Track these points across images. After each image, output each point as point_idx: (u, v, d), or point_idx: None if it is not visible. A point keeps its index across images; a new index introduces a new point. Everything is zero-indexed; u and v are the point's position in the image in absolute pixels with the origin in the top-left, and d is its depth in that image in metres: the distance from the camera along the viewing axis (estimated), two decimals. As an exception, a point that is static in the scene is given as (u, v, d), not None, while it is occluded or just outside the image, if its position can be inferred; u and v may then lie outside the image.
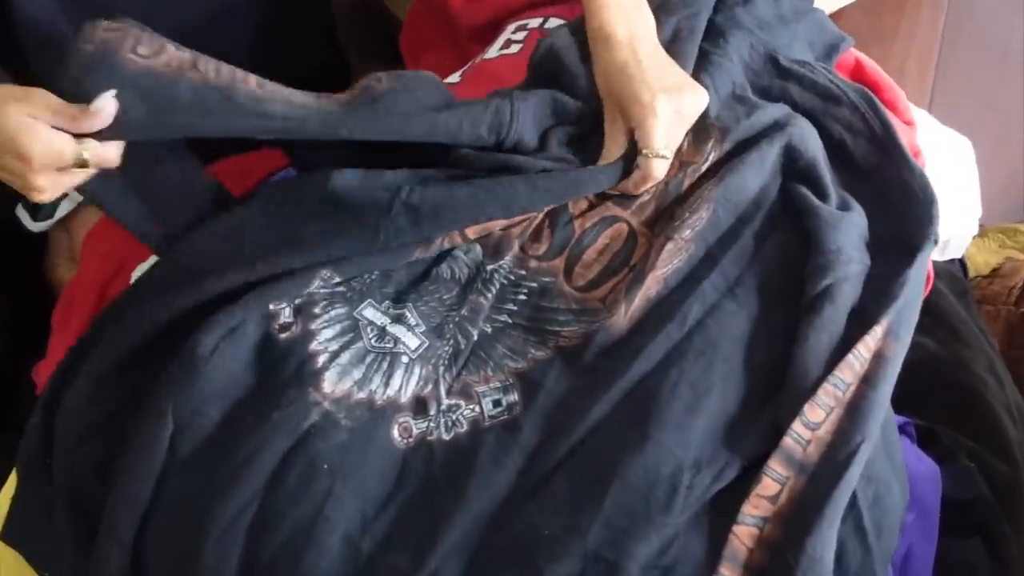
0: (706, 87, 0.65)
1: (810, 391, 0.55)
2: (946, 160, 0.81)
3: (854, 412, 0.55)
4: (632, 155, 0.63)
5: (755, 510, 0.53)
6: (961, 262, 0.97)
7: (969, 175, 0.83)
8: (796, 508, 0.53)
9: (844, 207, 0.64)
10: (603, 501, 0.53)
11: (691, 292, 0.60)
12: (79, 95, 0.56)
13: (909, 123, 0.79)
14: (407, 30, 0.96)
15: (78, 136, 0.58)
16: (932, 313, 0.79)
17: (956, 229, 0.80)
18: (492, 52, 0.81)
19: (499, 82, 0.77)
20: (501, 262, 0.64)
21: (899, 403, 0.66)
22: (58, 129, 0.57)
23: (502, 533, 0.55)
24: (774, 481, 0.54)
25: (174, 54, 0.58)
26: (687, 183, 0.64)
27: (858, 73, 0.81)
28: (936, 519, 0.63)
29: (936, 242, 0.62)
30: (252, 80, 0.60)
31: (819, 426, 0.55)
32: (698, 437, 0.55)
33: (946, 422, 0.70)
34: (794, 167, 0.66)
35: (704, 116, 0.65)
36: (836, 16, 1.39)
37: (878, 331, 0.57)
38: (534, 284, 0.64)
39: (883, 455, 0.58)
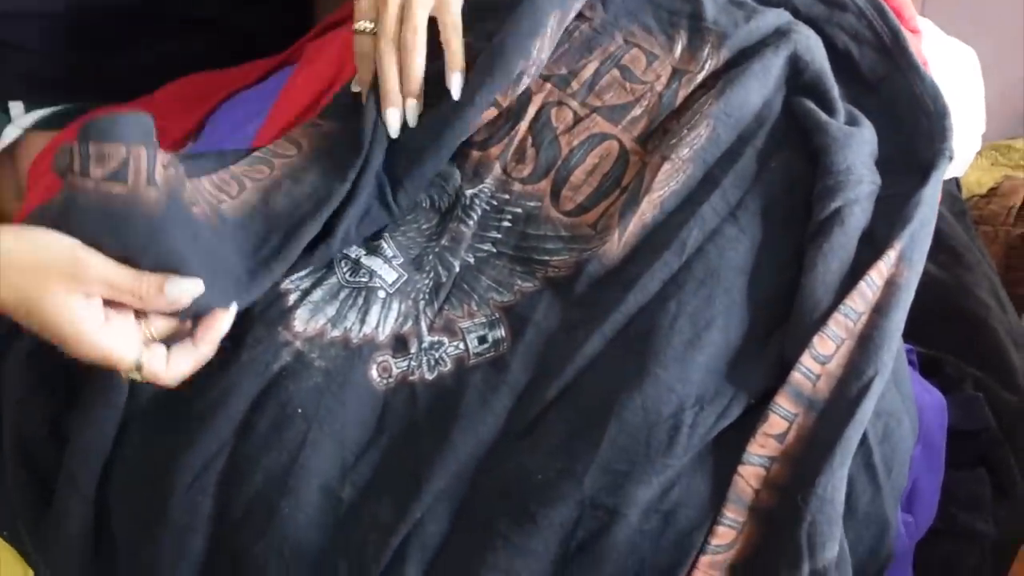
0: None
1: (819, 321, 0.52)
2: (951, 71, 0.77)
3: (866, 343, 0.52)
4: None
5: (762, 449, 0.50)
6: (955, 181, 0.93)
7: (974, 87, 0.79)
8: (805, 447, 0.50)
9: (853, 122, 0.60)
10: (600, 443, 0.50)
11: (690, 216, 0.55)
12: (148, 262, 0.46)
13: (915, 31, 0.74)
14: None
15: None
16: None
17: (962, 145, 0.77)
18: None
19: None
20: (482, 186, 0.59)
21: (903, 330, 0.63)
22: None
23: (491, 478, 0.52)
24: (781, 419, 0.50)
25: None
26: (682, 94, 0.59)
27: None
28: (942, 452, 0.60)
29: (951, 158, 0.58)
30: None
31: (829, 359, 0.51)
32: (700, 373, 0.51)
33: (950, 350, 0.68)
34: (799, 79, 0.61)
35: (699, 19, 0.60)
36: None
37: (891, 256, 0.54)
38: (519, 209, 0.59)
39: (892, 387, 0.55)
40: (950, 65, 0.78)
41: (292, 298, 0.56)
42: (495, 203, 0.59)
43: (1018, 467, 0.62)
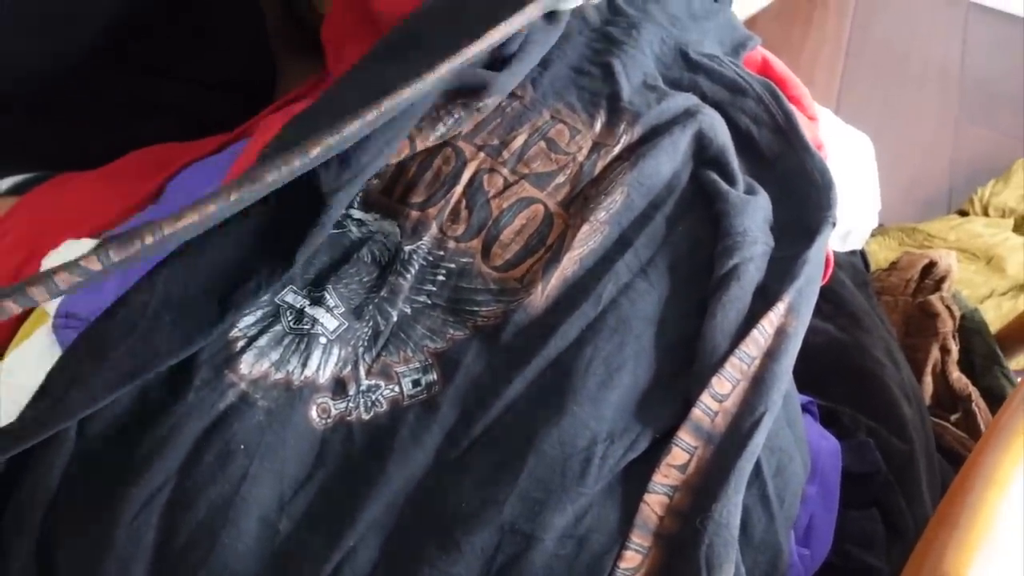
0: (617, 74, 0.67)
1: (718, 364, 0.57)
2: (847, 154, 0.86)
3: (758, 384, 0.57)
4: None
5: (665, 479, 0.55)
6: (863, 256, 1.01)
7: (869, 170, 0.87)
8: (704, 476, 0.55)
9: (750, 192, 0.67)
10: (519, 474, 0.54)
11: (605, 272, 0.62)
12: None
13: (813, 118, 0.83)
14: (329, 22, 0.96)
15: None
16: (834, 301, 0.83)
17: (856, 221, 0.85)
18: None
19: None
20: (420, 243, 0.65)
21: (803, 385, 0.69)
22: None
23: (420, 509, 0.56)
24: (683, 451, 0.56)
25: None
26: (600, 164, 0.66)
27: (765, 70, 0.85)
28: (837, 491, 0.66)
29: (834, 224, 0.65)
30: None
31: (726, 398, 0.57)
32: (611, 410, 0.57)
33: (847, 402, 0.74)
34: (704, 154, 0.68)
35: (617, 99, 0.68)
36: (747, 24, 1.44)
37: (781, 308, 0.60)
38: (452, 265, 0.64)
39: (786, 428, 0.61)
40: (848, 149, 0.87)
41: (239, 344, 0.60)
42: (431, 259, 0.65)
43: (908, 509, 0.68)
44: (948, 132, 1.47)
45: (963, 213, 1.30)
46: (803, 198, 0.68)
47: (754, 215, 0.65)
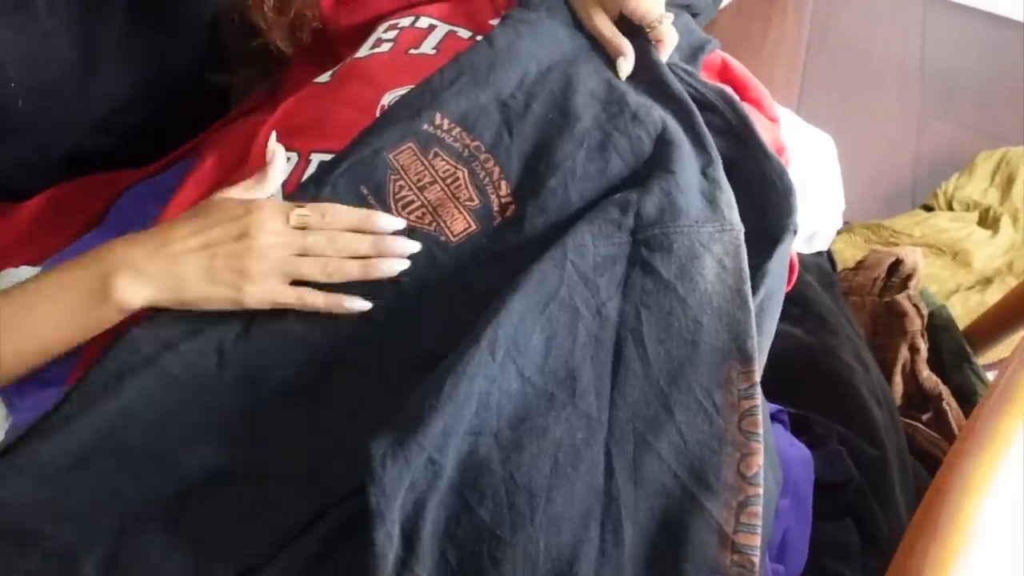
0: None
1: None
2: (810, 156, 0.85)
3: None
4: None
5: None
6: (829, 256, 1.00)
7: (832, 170, 0.86)
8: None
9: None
10: None
11: None
12: None
13: (773, 119, 0.82)
14: (277, 32, 0.93)
15: None
16: (800, 304, 0.81)
17: (821, 223, 0.83)
18: (363, 51, 0.79)
19: (369, 80, 0.75)
20: None
21: (772, 391, 0.68)
22: None
23: None
24: None
25: None
26: None
27: (724, 74, 0.84)
28: (810, 503, 0.64)
29: (795, 232, 0.64)
30: None
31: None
32: None
33: (817, 408, 0.73)
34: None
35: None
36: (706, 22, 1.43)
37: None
38: None
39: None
40: (810, 150, 0.86)
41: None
42: None
43: (882, 515, 0.66)
44: (910, 127, 1.47)
45: (928, 208, 1.29)
46: (763, 205, 0.67)
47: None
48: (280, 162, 0.67)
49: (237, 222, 0.60)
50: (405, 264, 0.61)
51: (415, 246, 0.62)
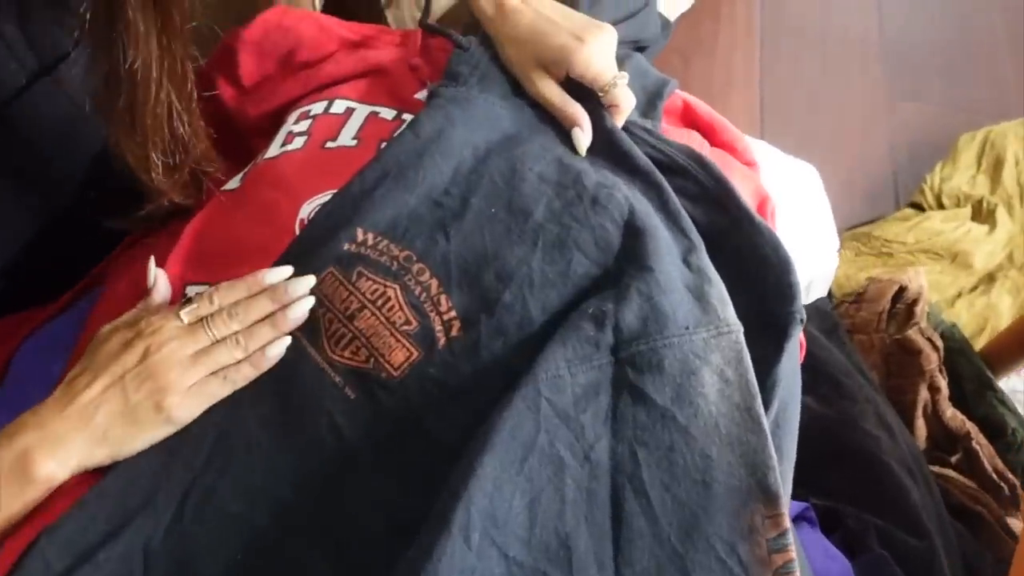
0: None
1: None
2: (794, 195, 0.75)
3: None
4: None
5: None
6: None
7: (822, 206, 0.77)
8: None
9: None
10: None
11: None
12: None
13: (750, 164, 0.73)
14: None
15: None
16: (808, 367, 0.72)
17: (817, 269, 0.74)
18: (273, 150, 0.68)
19: (282, 187, 0.65)
20: None
21: (794, 481, 0.59)
22: None
23: None
24: None
25: None
26: None
27: (688, 116, 0.74)
28: (858, 627, 0.55)
29: (802, 321, 0.54)
30: None
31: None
32: None
33: (845, 495, 0.64)
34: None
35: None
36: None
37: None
38: None
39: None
40: (794, 187, 0.76)
41: None
42: None
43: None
44: (880, 113, 1.38)
45: (916, 206, 1.21)
46: (760, 282, 0.57)
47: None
48: (161, 288, 0.61)
49: (132, 346, 0.55)
50: (312, 300, 0.56)
51: (310, 280, 0.57)
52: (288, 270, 0.57)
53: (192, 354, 0.55)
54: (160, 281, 0.60)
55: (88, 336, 0.64)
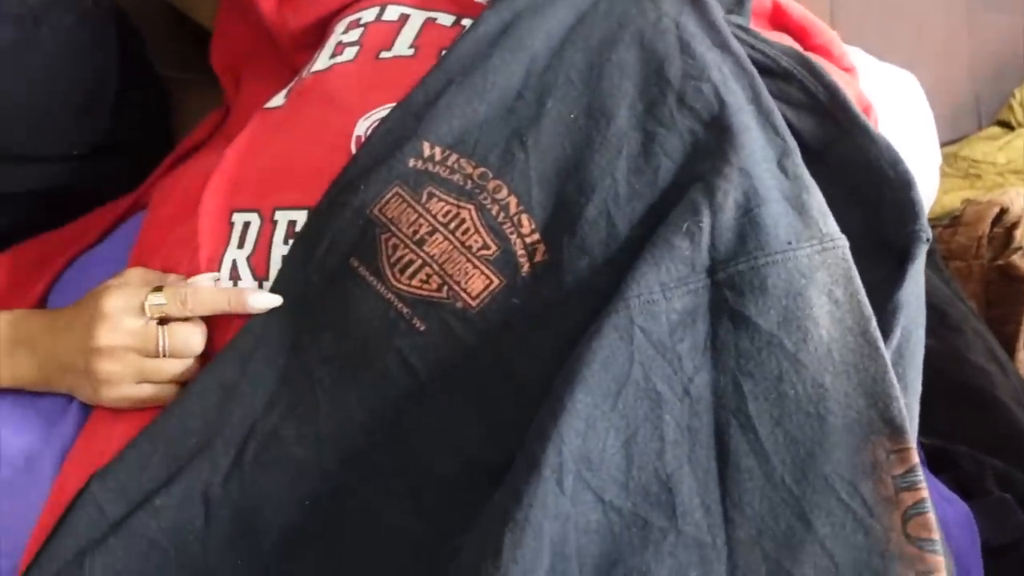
0: None
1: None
2: (896, 106, 0.68)
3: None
4: None
5: None
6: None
7: (924, 118, 0.70)
8: None
9: None
10: None
11: None
12: None
13: (849, 70, 0.66)
14: (217, 44, 0.76)
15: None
16: (909, 295, 0.66)
17: (921, 188, 0.67)
18: (321, 62, 0.62)
19: (334, 102, 0.59)
20: None
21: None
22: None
23: None
24: None
25: None
26: None
27: (778, 18, 0.67)
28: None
29: (928, 241, 0.48)
30: None
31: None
32: None
33: (958, 435, 0.58)
34: None
35: None
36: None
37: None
38: None
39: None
40: (896, 98, 0.69)
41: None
42: None
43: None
44: (960, 24, 1.28)
45: (1004, 124, 1.12)
46: (874, 200, 0.51)
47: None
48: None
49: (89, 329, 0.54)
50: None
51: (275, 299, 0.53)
52: (277, 299, 0.53)
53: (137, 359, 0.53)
54: (204, 281, 0.56)
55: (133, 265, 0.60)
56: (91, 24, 0.72)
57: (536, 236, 0.50)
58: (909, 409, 0.45)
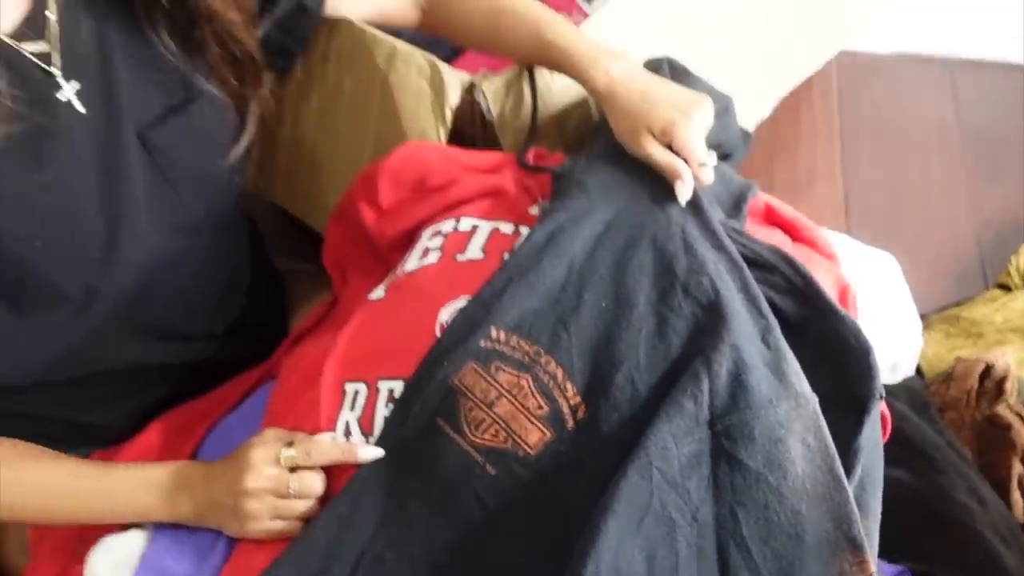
0: None
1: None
2: (876, 283, 0.82)
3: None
4: None
5: None
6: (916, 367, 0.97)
7: (901, 291, 0.84)
8: None
9: None
10: None
11: None
12: None
13: (831, 257, 0.81)
14: (328, 246, 0.95)
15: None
16: (900, 442, 0.78)
17: (902, 351, 0.81)
18: (412, 263, 0.80)
19: (423, 296, 0.76)
20: None
21: (889, 547, 0.64)
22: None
23: None
24: None
25: None
26: None
27: (771, 216, 0.83)
28: None
29: (881, 397, 0.62)
30: None
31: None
32: None
33: (941, 562, 0.68)
34: None
35: None
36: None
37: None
38: None
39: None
40: (874, 277, 0.84)
41: None
42: None
43: None
44: (962, 197, 1.43)
45: (1003, 287, 1.25)
46: (842, 366, 0.65)
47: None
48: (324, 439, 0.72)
49: (238, 475, 0.69)
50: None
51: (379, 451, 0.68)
52: (379, 451, 0.68)
53: (273, 500, 0.68)
54: (324, 438, 0.71)
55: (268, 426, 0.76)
56: (233, 230, 0.92)
57: (578, 399, 0.65)
58: (869, 530, 0.57)
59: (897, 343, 0.80)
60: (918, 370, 0.98)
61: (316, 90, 0.97)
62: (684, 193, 0.74)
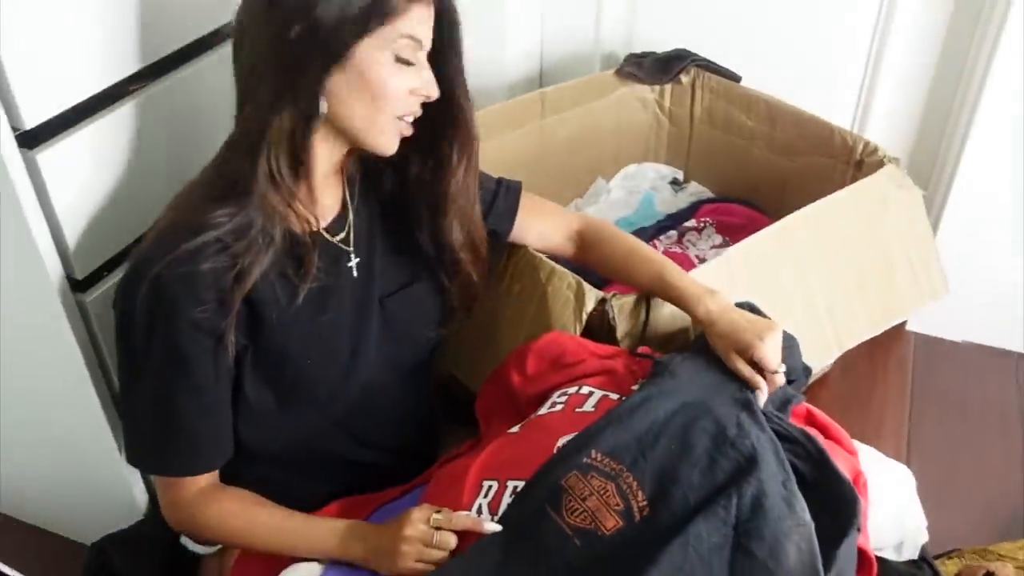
0: None
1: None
2: (889, 479, 1.08)
3: None
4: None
5: None
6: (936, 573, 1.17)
7: (909, 490, 1.08)
8: None
9: None
10: None
11: None
12: None
13: (852, 452, 1.08)
14: (481, 399, 1.30)
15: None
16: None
17: (906, 535, 1.04)
18: (543, 411, 1.13)
19: (547, 430, 1.08)
20: None
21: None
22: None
23: None
24: None
25: None
26: None
27: (810, 418, 1.12)
28: None
29: (858, 530, 0.88)
30: None
31: None
32: None
33: None
34: None
35: None
36: (820, 384, 1.73)
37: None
38: None
39: None
40: (888, 475, 1.09)
41: None
42: None
43: None
44: (1015, 468, 1.64)
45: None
46: (836, 511, 0.91)
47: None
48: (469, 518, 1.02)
49: (400, 526, 1.01)
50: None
51: (497, 527, 0.97)
52: (498, 527, 0.96)
53: (419, 547, 0.98)
54: (461, 512, 1.01)
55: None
56: (424, 376, 1.31)
57: (645, 502, 0.94)
58: None
59: (903, 529, 1.03)
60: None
61: (495, 291, 1.36)
62: (762, 398, 1.05)
